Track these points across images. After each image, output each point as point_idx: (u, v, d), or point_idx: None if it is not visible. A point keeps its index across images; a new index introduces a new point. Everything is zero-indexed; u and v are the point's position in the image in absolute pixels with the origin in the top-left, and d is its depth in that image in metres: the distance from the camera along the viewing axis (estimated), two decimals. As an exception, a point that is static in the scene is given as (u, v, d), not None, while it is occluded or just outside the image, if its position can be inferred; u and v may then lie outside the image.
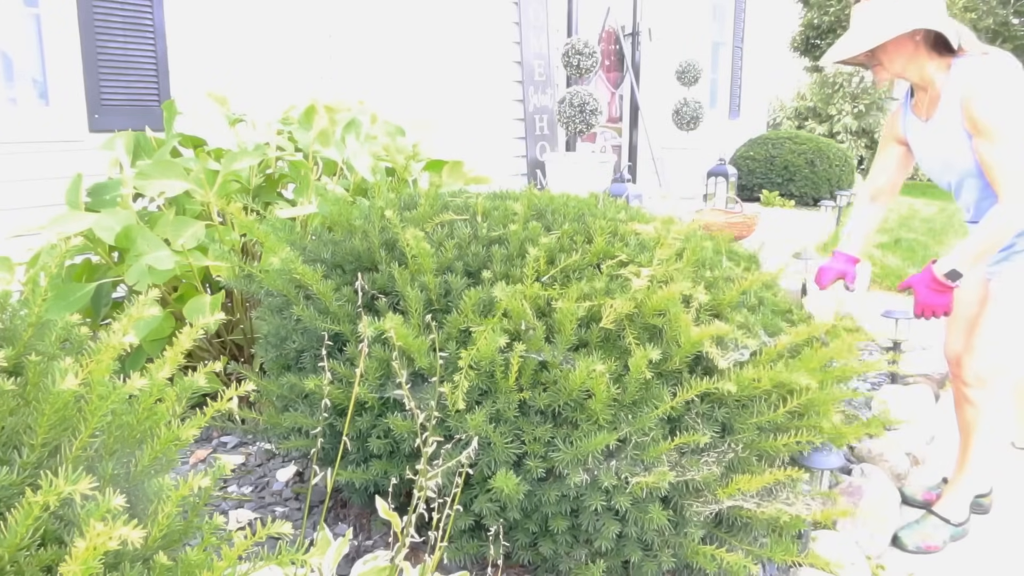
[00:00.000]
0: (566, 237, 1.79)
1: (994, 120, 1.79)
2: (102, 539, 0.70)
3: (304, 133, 2.76)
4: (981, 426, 2.11)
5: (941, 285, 1.92)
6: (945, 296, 1.93)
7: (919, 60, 1.90)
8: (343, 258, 1.85)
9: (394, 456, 1.64)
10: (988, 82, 1.80)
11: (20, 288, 2.02)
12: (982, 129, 1.81)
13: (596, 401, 1.45)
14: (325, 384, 1.45)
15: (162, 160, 2.31)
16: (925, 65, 1.90)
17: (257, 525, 0.95)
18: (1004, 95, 1.79)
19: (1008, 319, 2.01)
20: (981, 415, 2.11)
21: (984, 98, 1.79)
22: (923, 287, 1.95)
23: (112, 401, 0.90)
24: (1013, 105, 1.79)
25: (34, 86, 3.39)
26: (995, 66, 1.82)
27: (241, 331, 2.60)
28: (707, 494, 1.56)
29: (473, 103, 5.50)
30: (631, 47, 7.12)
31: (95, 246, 2.36)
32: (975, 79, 1.82)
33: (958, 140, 1.90)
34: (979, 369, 2.08)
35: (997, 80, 1.80)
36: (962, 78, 1.84)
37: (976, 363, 2.08)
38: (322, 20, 4.45)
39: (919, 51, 1.88)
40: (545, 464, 1.48)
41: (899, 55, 1.90)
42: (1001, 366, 2.06)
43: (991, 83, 1.80)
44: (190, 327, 1.01)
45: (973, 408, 2.12)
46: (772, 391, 1.59)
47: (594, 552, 1.58)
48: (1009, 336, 2.02)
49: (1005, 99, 1.79)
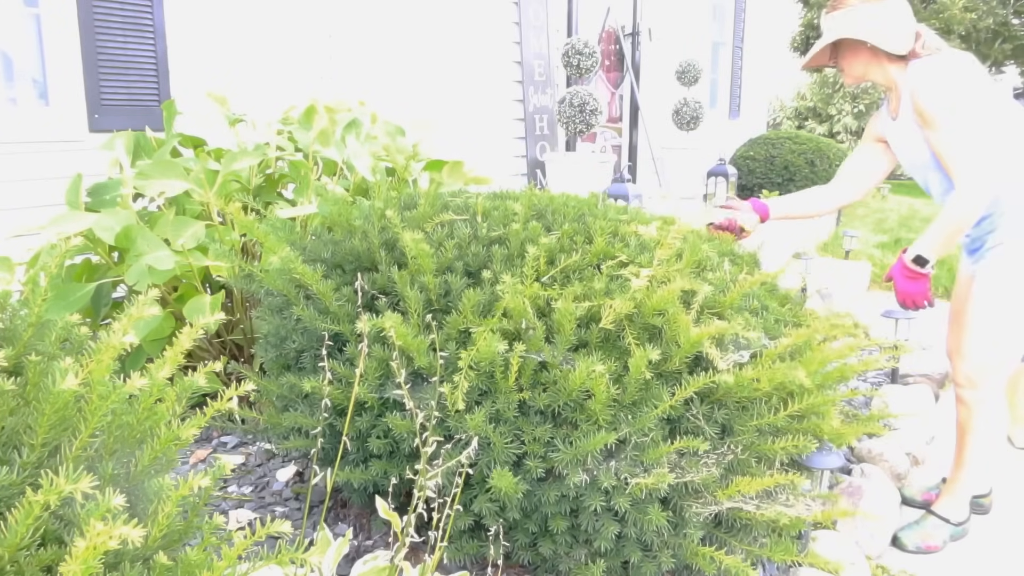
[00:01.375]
0: (566, 237, 1.79)
1: (935, 109, 1.88)
2: (102, 539, 0.70)
3: (304, 133, 2.76)
4: (975, 426, 2.11)
5: (913, 272, 1.96)
6: (920, 283, 1.96)
7: (880, 64, 2.01)
8: (343, 258, 1.85)
9: (394, 456, 1.64)
10: (930, 76, 1.90)
11: (20, 288, 2.02)
12: (927, 120, 1.91)
13: (596, 401, 1.45)
14: (325, 384, 1.45)
15: (162, 160, 2.31)
16: (887, 68, 2.01)
17: (257, 525, 0.95)
18: (944, 86, 1.88)
19: (991, 318, 2.01)
20: (974, 415, 2.11)
21: (925, 90, 1.89)
22: (899, 275, 2.00)
23: (112, 401, 0.90)
24: (954, 94, 1.87)
25: (34, 86, 3.39)
26: (940, 62, 1.91)
27: (241, 331, 2.60)
28: (706, 495, 1.56)
29: (473, 103, 5.50)
30: (631, 47, 7.12)
31: (95, 246, 2.36)
32: (920, 75, 1.92)
33: (915, 135, 2.01)
34: (967, 369, 2.08)
35: (938, 73, 1.89)
36: (913, 77, 1.95)
37: (964, 364, 2.09)
38: (322, 20, 4.45)
39: (877, 57, 1.99)
40: (544, 464, 1.48)
41: (856, 61, 2.03)
42: (988, 365, 2.05)
43: (932, 76, 1.90)
44: (190, 327, 1.01)
45: (966, 408, 2.12)
46: (772, 393, 1.59)
47: (594, 552, 1.58)
48: (994, 335, 2.02)
49: (945, 89, 1.87)
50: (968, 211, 1.85)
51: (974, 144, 1.84)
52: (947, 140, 1.87)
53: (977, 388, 2.08)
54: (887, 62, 2.00)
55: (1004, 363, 2.05)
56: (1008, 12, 12.51)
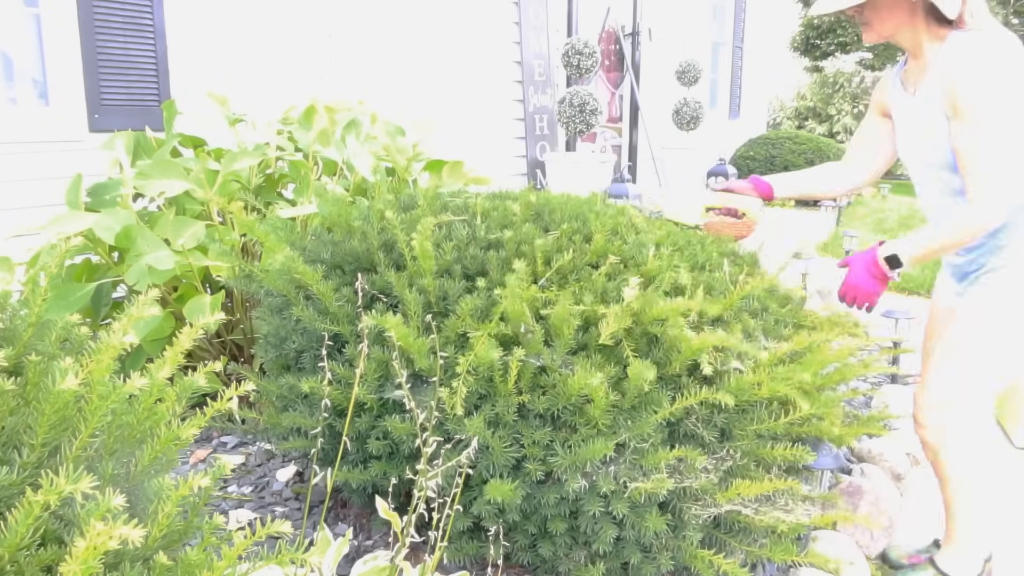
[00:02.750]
0: (564, 237, 1.79)
1: (976, 101, 1.55)
2: (102, 539, 0.70)
3: (304, 133, 2.76)
4: (947, 474, 1.81)
5: (879, 269, 1.69)
6: (876, 284, 1.70)
7: (914, 26, 1.66)
8: (343, 259, 1.85)
9: (393, 457, 1.64)
10: (977, 56, 1.55)
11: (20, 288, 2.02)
12: (961, 110, 1.57)
13: (595, 406, 1.45)
14: (324, 385, 1.45)
15: (162, 160, 2.31)
16: (920, 32, 1.67)
17: (257, 525, 0.95)
18: (991, 74, 1.54)
19: (971, 349, 1.72)
20: (942, 464, 1.80)
21: (968, 74, 1.55)
22: (860, 265, 1.72)
23: (112, 401, 0.90)
24: (1000, 87, 1.53)
25: (34, 86, 3.39)
26: (990, 41, 1.56)
27: (241, 331, 2.60)
28: (706, 498, 1.56)
29: (473, 103, 5.50)
30: (631, 47, 7.11)
31: (95, 246, 2.36)
32: (962, 54, 1.57)
33: (936, 123, 1.67)
34: (930, 405, 1.77)
35: (988, 55, 1.54)
36: (951, 53, 1.60)
37: (927, 397, 1.78)
38: (322, 20, 4.45)
39: (915, 17, 1.66)
40: (544, 468, 1.48)
41: (892, 18, 1.67)
42: (953, 402, 1.75)
43: (980, 58, 1.55)
44: (190, 327, 1.01)
45: (932, 452, 1.81)
46: (772, 398, 1.59)
47: (593, 554, 1.58)
48: (970, 369, 1.72)
49: (991, 79, 1.54)
50: (982, 224, 1.57)
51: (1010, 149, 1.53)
52: (980, 140, 1.55)
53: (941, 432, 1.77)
54: (924, 25, 1.65)
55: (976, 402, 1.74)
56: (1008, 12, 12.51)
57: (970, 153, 1.57)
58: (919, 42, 1.68)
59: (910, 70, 1.77)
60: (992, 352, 1.71)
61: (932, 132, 1.68)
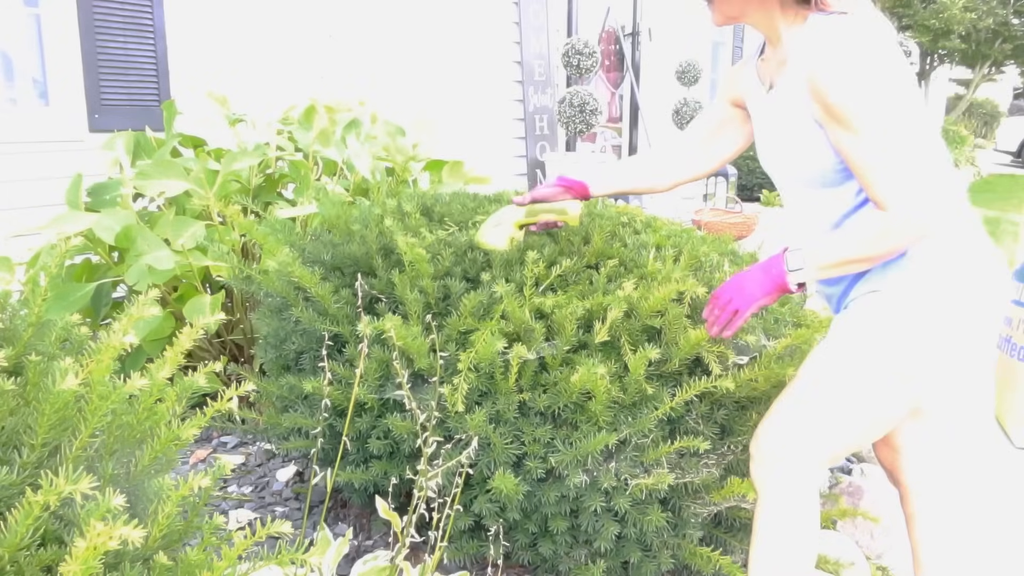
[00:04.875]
0: (564, 240, 1.79)
1: (855, 103, 1.19)
2: (102, 539, 0.70)
3: (304, 133, 2.76)
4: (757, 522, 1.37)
5: (778, 274, 1.32)
6: (762, 291, 1.34)
7: (765, 6, 1.32)
8: (342, 260, 1.85)
9: (394, 456, 1.64)
10: (837, 48, 1.19)
11: (20, 288, 2.02)
12: (839, 116, 1.20)
13: (596, 403, 1.45)
14: (325, 385, 1.45)
15: (162, 160, 2.31)
16: (774, 13, 1.32)
17: (257, 525, 0.95)
18: (865, 67, 1.19)
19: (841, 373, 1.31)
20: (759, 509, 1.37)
21: (837, 72, 1.19)
22: (759, 265, 1.36)
23: (112, 401, 0.90)
24: (879, 79, 1.19)
25: (34, 86, 3.39)
26: (850, 28, 1.20)
27: (241, 331, 2.60)
28: (705, 496, 1.56)
29: (473, 103, 5.50)
30: (631, 47, 7.12)
31: (95, 246, 2.36)
32: (821, 43, 1.21)
33: (803, 128, 1.30)
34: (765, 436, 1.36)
35: (849, 46, 1.19)
36: (809, 41, 1.24)
37: (766, 427, 1.36)
38: (322, 20, 4.45)
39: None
40: (544, 465, 1.49)
41: None
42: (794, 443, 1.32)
43: (841, 49, 1.19)
44: (190, 327, 1.01)
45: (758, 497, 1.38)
46: (771, 393, 1.60)
47: (593, 552, 1.58)
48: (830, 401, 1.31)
49: (867, 72, 1.19)
50: (897, 241, 1.23)
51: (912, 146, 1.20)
52: (874, 146, 1.19)
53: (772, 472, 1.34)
54: (778, 5, 1.31)
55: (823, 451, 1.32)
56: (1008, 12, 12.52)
57: (866, 164, 1.21)
58: (774, 25, 1.33)
59: (768, 59, 1.40)
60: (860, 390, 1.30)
61: (800, 140, 1.31)
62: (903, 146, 1.19)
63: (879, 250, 1.25)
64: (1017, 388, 2.95)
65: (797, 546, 1.34)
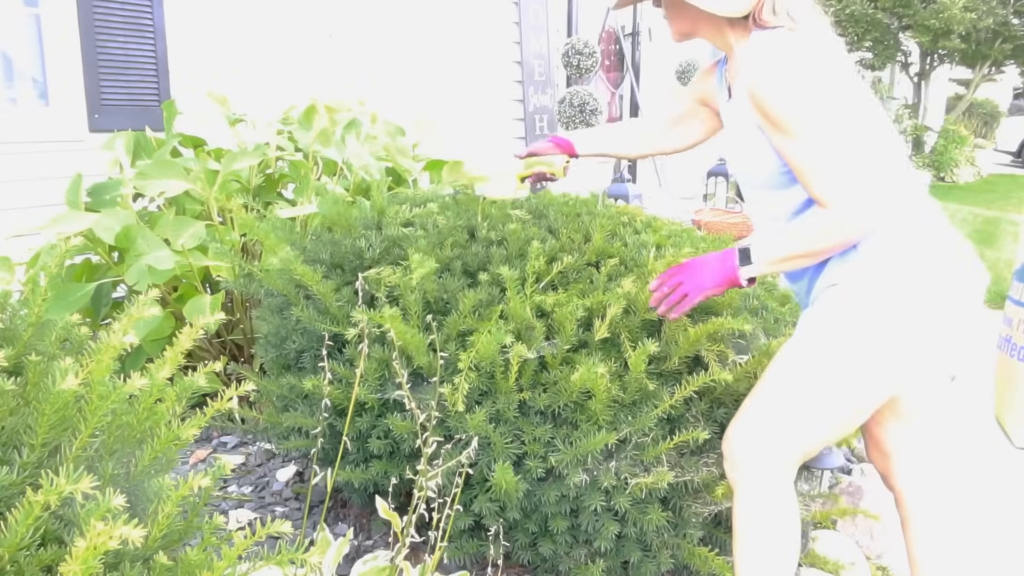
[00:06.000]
0: (565, 237, 1.80)
1: (790, 109, 1.27)
2: (102, 539, 0.70)
3: (304, 133, 2.76)
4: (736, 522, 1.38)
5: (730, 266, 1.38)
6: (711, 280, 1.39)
7: (715, 22, 1.41)
8: (342, 258, 1.85)
9: (394, 456, 1.64)
10: (775, 61, 1.29)
11: (20, 288, 2.02)
12: (777, 122, 1.29)
13: (596, 401, 1.45)
14: (325, 384, 1.45)
15: (162, 160, 2.31)
16: (724, 29, 1.41)
17: (257, 525, 0.95)
18: (799, 74, 1.28)
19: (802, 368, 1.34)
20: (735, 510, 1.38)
21: (772, 82, 1.28)
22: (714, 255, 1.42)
23: (112, 401, 0.90)
24: (814, 85, 1.27)
25: (34, 86, 3.39)
26: (782, 42, 1.31)
27: (241, 331, 2.60)
28: (705, 495, 1.56)
29: (473, 103, 5.50)
30: (631, 47, 7.12)
31: (95, 246, 2.36)
32: (760, 59, 1.31)
33: (752, 135, 1.39)
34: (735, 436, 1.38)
35: (787, 57, 1.29)
36: (748, 55, 1.36)
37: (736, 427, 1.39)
38: (322, 20, 4.45)
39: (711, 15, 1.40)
40: (545, 464, 1.49)
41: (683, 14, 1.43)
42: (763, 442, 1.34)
43: (779, 62, 1.29)
44: (190, 327, 1.01)
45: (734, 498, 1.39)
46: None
47: (593, 552, 1.58)
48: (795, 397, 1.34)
49: (801, 79, 1.27)
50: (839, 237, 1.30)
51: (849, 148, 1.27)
52: (812, 149, 1.27)
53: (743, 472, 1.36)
54: (727, 22, 1.40)
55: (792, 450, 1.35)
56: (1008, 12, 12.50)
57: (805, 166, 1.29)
58: (727, 41, 1.43)
59: (730, 69, 1.49)
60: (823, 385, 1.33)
61: (749, 145, 1.40)
62: (838, 148, 1.27)
63: (822, 245, 1.32)
64: (1017, 388, 2.95)
65: (777, 545, 1.36)
